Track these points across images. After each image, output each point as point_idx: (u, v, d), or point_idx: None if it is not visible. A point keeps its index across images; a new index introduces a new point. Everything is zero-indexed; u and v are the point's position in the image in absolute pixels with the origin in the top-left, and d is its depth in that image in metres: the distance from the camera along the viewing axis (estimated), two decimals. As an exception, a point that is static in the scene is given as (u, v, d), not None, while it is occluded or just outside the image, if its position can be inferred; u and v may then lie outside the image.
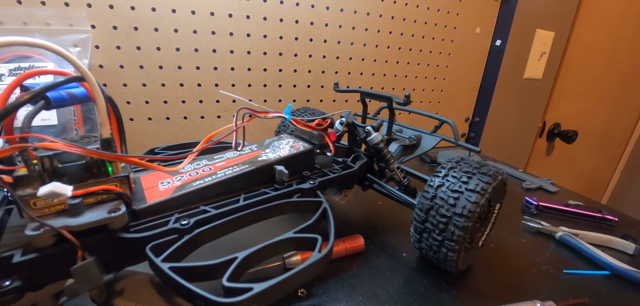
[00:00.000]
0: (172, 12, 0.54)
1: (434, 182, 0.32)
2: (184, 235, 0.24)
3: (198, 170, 0.31)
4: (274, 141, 0.38)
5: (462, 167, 0.32)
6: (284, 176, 0.32)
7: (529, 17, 0.86)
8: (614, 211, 0.54)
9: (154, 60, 0.55)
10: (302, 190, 0.32)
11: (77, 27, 0.49)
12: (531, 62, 0.92)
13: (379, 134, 0.39)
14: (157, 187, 0.27)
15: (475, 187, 0.30)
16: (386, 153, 0.39)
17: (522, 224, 0.49)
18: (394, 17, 0.72)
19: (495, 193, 0.32)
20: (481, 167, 0.32)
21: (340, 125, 0.40)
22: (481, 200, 0.29)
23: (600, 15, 1.02)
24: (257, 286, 0.20)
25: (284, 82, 0.67)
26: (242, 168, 0.31)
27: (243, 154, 0.34)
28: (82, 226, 0.20)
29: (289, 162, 0.34)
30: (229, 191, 0.30)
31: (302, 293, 0.32)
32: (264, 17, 0.60)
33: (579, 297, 0.34)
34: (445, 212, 0.30)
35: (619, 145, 1.34)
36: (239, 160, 0.33)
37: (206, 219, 0.26)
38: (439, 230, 0.31)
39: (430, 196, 0.31)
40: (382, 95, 0.39)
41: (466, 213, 0.29)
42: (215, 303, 0.19)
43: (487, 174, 0.31)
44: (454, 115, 0.91)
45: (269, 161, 0.33)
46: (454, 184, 0.31)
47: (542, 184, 0.66)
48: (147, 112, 0.58)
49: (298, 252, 0.34)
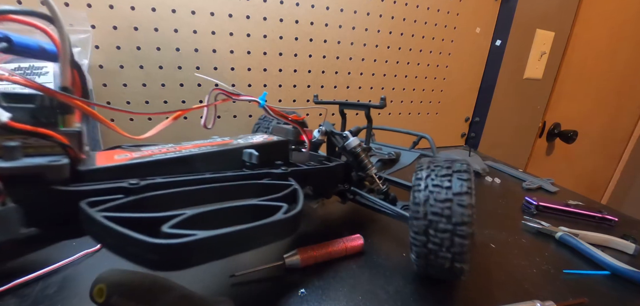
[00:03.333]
0: (172, 12, 0.54)
1: (419, 197, 0.29)
2: (130, 195, 0.21)
3: (162, 150, 0.29)
4: (248, 135, 0.37)
5: (437, 171, 0.30)
6: (253, 158, 0.30)
7: (529, 17, 0.86)
8: (614, 211, 0.54)
9: (154, 60, 0.55)
10: (272, 174, 0.29)
11: (77, 27, 0.49)
12: (531, 62, 0.92)
13: (357, 138, 0.38)
14: (112, 159, 0.25)
15: (460, 188, 0.28)
16: (363, 158, 0.37)
17: (522, 224, 0.49)
18: (394, 17, 0.72)
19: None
20: (453, 164, 0.31)
21: (318, 133, 0.40)
22: (471, 199, 0.28)
23: (600, 15, 1.02)
24: (201, 233, 0.17)
25: (284, 82, 0.67)
26: (208, 148, 0.29)
27: (214, 141, 0.33)
28: (13, 169, 0.18)
29: (261, 149, 0.32)
30: (192, 170, 0.27)
31: (302, 293, 0.32)
32: (264, 17, 0.60)
33: (579, 297, 0.34)
34: (446, 226, 0.28)
35: (619, 145, 1.34)
36: (208, 144, 0.31)
37: (158, 185, 0.23)
38: (446, 248, 0.28)
39: (421, 214, 0.29)
40: (359, 103, 0.40)
41: (465, 190, 0.27)
42: (149, 244, 0.16)
43: (462, 170, 0.29)
44: (454, 115, 0.91)
45: (239, 145, 0.31)
46: (439, 194, 0.29)
47: (542, 184, 0.66)
48: (147, 111, 0.58)
49: (298, 251, 0.34)
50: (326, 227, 0.43)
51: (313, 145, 0.40)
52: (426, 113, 0.86)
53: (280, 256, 0.34)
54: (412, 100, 0.82)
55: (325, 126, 0.40)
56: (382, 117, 0.79)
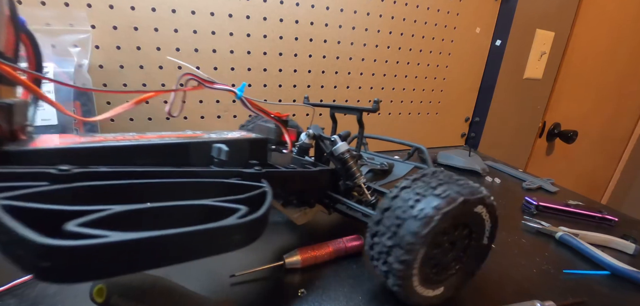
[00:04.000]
0: (172, 12, 0.54)
1: (384, 203, 0.28)
2: (57, 183, 0.17)
3: (117, 138, 0.24)
4: (225, 131, 0.33)
5: (437, 175, 0.29)
6: (222, 154, 0.26)
7: (529, 17, 0.86)
8: (614, 211, 0.54)
9: (154, 60, 0.55)
10: (243, 174, 0.25)
11: (77, 27, 0.49)
12: (531, 62, 0.92)
13: (346, 144, 0.35)
14: (52, 142, 0.22)
15: (441, 193, 0.26)
16: (351, 165, 0.35)
17: (522, 224, 0.49)
18: (394, 17, 0.72)
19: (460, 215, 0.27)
20: (458, 180, 0.28)
21: (306, 137, 0.37)
22: (445, 207, 0.25)
23: (600, 15, 1.02)
24: (115, 235, 0.13)
25: (284, 82, 0.67)
26: (172, 139, 0.25)
27: (184, 134, 0.29)
28: None
29: (232, 145, 0.28)
30: (149, 163, 0.24)
31: (302, 293, 0.32)
32: (264, 17, 0.60)
33: (579, 297, 0.34)
34: (402, 214, 0.26)
35: (619, 145, 1.34)
36: (174, 136, 0.27)
37: (96, 174, 0.19)
38: (391, 234, 0.27)
39: (392, 196, 0.28)
40: (351, 107, 0.38)
41: (422, 216, 0.25)
42: (37, 245, 0.12)
43: (462, 186, 0.27)
44: (454, 115, 0.91)
45: (209, 139, 0.27)
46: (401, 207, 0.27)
47: (542, 184, 0.66)
48: (147, 111, 0.58)
49: (298, 251, 0.34)
50: (326, 227, 0.43)
51: (300, 149, 0.38)
52: (426, 113, 0.86)
53: (280, 256, 0.34)
54: (412, 100, 0.82)
55: (313, 129, 0.38)
56: (382, 118, 0.80)
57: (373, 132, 0.79)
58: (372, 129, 0.79)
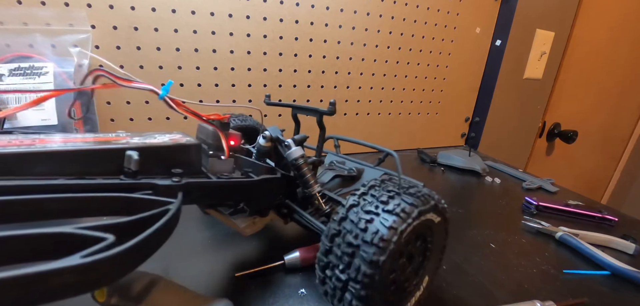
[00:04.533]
0: (172, 12, 0.54)
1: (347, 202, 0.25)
2: None
3: (12, 142, 0.21)
4: (156, 134, 0.29)
5: (386, 186, 0.26)
6: (132, 163, 0.22)
7: (529, 17, 0.86)
8: (614, 211, 0.54)
9: (154, 60, 0.55)
10: (156, 187, 0.22)
11: (77, 27, 0.49)
12: (531, 62, 0.92)
13: (300, 149, 0.33)
14: None
15: (394, 208, 0.23)
16: (306, 172, 0.32)
17: (522, 224, 0.49)
18: (394, 17, 0.72)
19: (424, 226, 0.26)
20: (410, 188, 0.26)
21: (263, 139, 0.34)
22: (401, 225, 0.22)
23: (600, 15, 1.02)
24: None
25: (284, 82, 0.67)
26: (74, 145, 0.22)
27: (99, 136, 0.26)
28: None
29: (155, 153, 0.24)
30: (45, 172, 0.20)
31: (302, 293, 0.32)
32: (264, 17, 0.60)
33: (579, 297, 0.34)
34: (353, 240, 0.23)
35: (619, 145, 1.34)
36: (86, 140, 0.24)
37: None
38: (343, 266, 0.23)
39: (338, 218, 0.25)
40: (311, 108, 0.35)
41: (377, 241, 0.22)
42: None
43: (414, 195, 0.25)
44: (454, 115, 0.91)
45: (122, 146, 0.23)
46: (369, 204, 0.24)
47: (542, 184, 0.66)
48: (147, 112, 0.58)
49: (298, 251, 0.34)
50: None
51: (259, 153, 0.34)
52: (426, 113, 0.86)
53: (280, 256, 0.34)
54: (412, 100, 0.82)
55: (271, 131, 0.35)
56: (382, 118, 0.80)
57: (371, 132, 0.79)
58: (371, 129, 0.79)
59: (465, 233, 0.45)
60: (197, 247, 0.37)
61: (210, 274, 0.33)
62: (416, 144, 0.87)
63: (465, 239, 0.44)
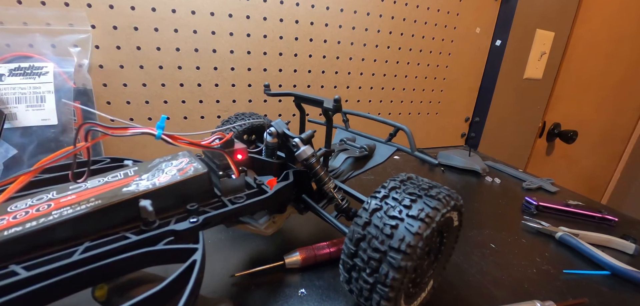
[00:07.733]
0: (172, 12, 0.54)
1: (369, 204, 0.26)
2: None
3: (31, 209, 0.22)
4: (162, 163, 0.29)
5: (407, 188, 0.26)
6: (148, 214, 0.23)
7: (529, 17, 0.86)
8: (614, 211, 0.54)
9: (154, 60, 0.55)
10: (176, 233, 0.23)
11: (77, 27, 0.49)
12: (531, 62, 0.92)
13: (309, 147, 0.32)
14: None
15: (418, 213, 0.24)
16: (318, 171, 0.32)
17: (522, 224, 0.49)
18: (394, 17, 0.72)
19: (446, 223, 0.27)
20: (430, 189, 0.26)
21: (269, 136, 0.34)
22: (426, 230, 0.23)
23: (600, 15, 1.02)
24: None
25: (284, 83, 0.67)
26: (88, 207, 0.22)
27: (108, 182, 0.26)
28: None
29: (168, 193, 0.25)
30: (65, 240, 0.21)
31: (302, 293, 0.32)
32: (264, 17, 0.60)
33: (579, 297, 0.34)
34: (379, 246, 0.23)
35: (619, 145, 1.34)
36: (98, 191, 0.24)
37: (12, 286, 0.17)
38: (371, 270, 0.24)
39: (362, 223, 0.25)
40: (315, 99, 0.34)
41: (405, 248, 0.22)
42: None
43: (436, 198, 0.25)
44: (454, 115, 0.91)
45: (132, 194, 0.24)
46: (393, 209, 0.24)
47: (542, 184, 0.66)
48: (147, 112, 0.58)
49: (298, 251, 0.34)
50: (326, 226, 0.43)
51: (268, 150, 0.35)
52: (426, 113, 0.86)
53: (280, 256, 0.34)
54: (412, 100, 0.82)
55: (276, 126, 0.34)
56: (382, 118, 0.80)
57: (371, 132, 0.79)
58: (371, 129, 0.79)
59: (465, 233, 0.45)
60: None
61: (210, 274, 0.33)
62: (416, 144, 0.87)
63: (465, 239, 0.44)
